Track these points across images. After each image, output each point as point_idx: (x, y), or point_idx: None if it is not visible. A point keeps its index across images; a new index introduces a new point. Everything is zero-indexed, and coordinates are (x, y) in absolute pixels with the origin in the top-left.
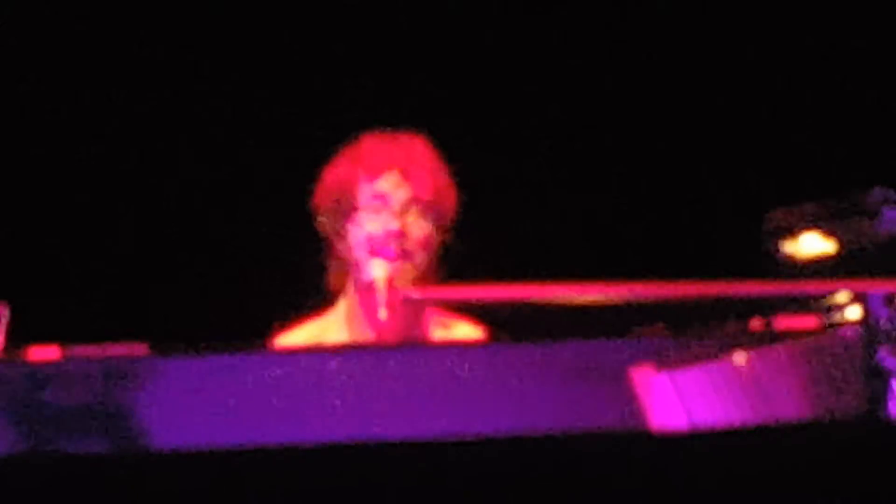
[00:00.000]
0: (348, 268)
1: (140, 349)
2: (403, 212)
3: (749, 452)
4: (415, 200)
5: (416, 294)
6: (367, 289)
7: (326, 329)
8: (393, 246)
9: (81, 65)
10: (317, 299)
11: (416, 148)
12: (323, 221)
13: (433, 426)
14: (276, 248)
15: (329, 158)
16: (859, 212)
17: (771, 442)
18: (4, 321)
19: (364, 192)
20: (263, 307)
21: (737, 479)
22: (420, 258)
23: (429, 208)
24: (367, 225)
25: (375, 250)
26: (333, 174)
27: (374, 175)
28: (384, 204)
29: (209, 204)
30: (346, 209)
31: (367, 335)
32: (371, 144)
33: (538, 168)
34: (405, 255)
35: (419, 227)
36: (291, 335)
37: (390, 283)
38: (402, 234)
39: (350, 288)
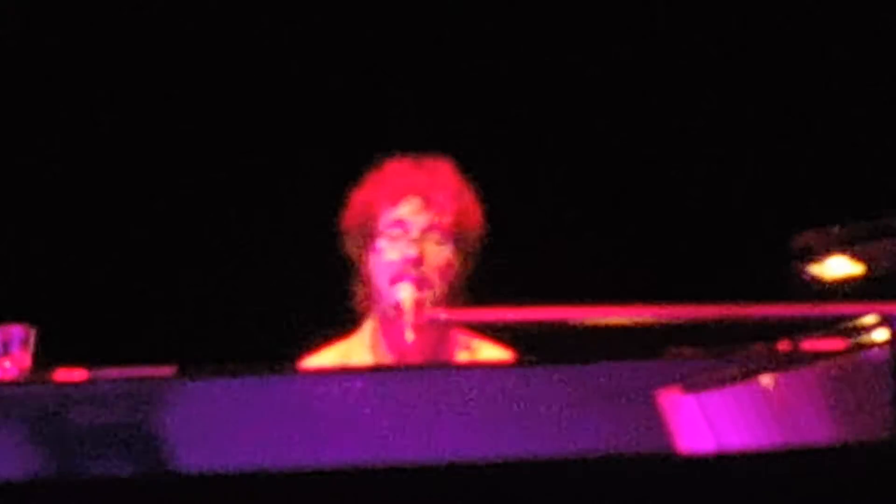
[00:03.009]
0: (373, 291)
1: (167, 371)
2: (422, 238)
3: (776, 475)
4: (434, 227)
5: (442, 316)
6: (391, 314)
7: (351, 351)
8: (411, 273)
9: (122, 99)
10: (344, 322)
11: (440, 173)
12: (349, 244)
13: (459, 448)
14: (303, 270)
15: (358, 181)
16: (887, 234)
17: (798, 464)
18: (31, 343)
19: (385, 218)
20: (290, 329)
21: (764, 502)
22: (439, 285)
23: (449, 234)
24: (387, 253)
25: (394, 278)
26: (358, 198)
27: (395, 200)
28: (403, 231)
29: (237, 227)
30: (368, 234)
31: (390, 359)
32: (395, 169)
33: (566, 189)
34: (424, 281)
35: (438, 254)
36: (318, 357)
37: (417, 304)
38: (420, 261)
39: (374, 312)
